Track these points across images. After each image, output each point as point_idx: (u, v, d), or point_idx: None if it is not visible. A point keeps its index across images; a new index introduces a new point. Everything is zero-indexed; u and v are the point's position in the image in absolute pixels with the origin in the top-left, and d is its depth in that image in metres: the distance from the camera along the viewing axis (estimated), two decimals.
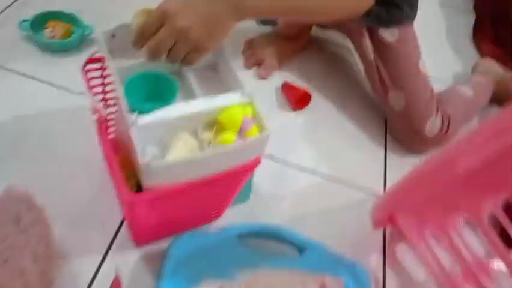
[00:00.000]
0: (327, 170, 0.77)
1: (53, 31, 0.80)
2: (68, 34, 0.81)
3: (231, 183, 0.54)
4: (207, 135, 0.49)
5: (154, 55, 0.48)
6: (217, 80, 0.57)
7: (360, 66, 0.92)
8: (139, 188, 0.52)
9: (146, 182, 0.46)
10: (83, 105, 0.70)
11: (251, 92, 0.50)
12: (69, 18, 0.83)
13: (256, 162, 0.51)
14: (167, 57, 0.49)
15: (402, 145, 0.84)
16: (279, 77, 0.90)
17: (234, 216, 0.64)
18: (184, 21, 0.46)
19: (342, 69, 0.97)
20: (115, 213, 0.61)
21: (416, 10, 0.84)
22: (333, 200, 0.73)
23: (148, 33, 0.47)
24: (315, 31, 1.00)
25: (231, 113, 0.48)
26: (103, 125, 0.51)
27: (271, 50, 0.90)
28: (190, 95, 0.55)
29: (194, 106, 0.48)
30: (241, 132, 0.49)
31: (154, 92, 0.52)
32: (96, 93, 0.55)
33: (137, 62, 0.54)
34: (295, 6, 0.54)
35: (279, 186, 0.72)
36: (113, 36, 0.53)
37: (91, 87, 0.54)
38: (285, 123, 0.82)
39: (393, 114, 0.83)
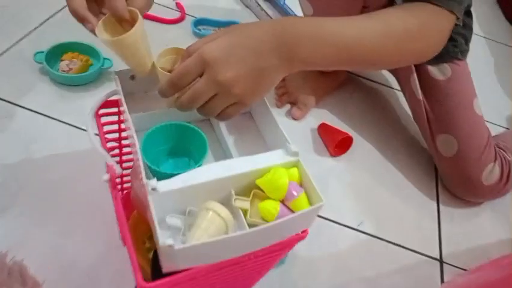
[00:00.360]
0: (372, 227, 0.66)
1: (69, 64, 0.73)
2: (85, 67, 0.74)
3: (268, 261, 0.44)
4: (242, 203, 0.39)
5: (187, 107, 0.39)
6: (253, 128, 0.48)
7: (405, 104, 0.82)
8: (155, 253, 0.43)
9: (167, 264, 0.36)
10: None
11: (297, 151, 0.40)
12: (87, 50, 0.76)
13: (302, 236, 0.41)
14: (201, 109, 0.40)
15: (455, 194, 0.73)
16: (314, 117, 0.80)
17: (268, 283, 0.54)
18: (229, 74, 0.37)
19: (384, 107, 0.87)
20: (127, 277, 0.51)
21: (469, 44, 0.75)
22: (380, 263, 0.62)
23: (184, 83, 0.38)
24: None
25: (274, 177, 0.38)
26: (115, 182, 0.42)
27: (306, 87, 0.81)
28: (219, 149, 0.46)
29: (226, 167, 0.38)
30: (286, 200, 0.39)
31: (178, 145, 0.43)
32: (110, 141, 0.46)
33: (161, 110, 0.45)
34: (353, 56, 0.44)
35: (317, 246, 0.61)
36: (132, 77, 0.45)
37: (104, 136, 0.45)
38: (323, 171, 0.72)
39: (443, 160, 0.72)
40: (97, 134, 0.43)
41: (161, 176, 0.36)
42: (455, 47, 0.71)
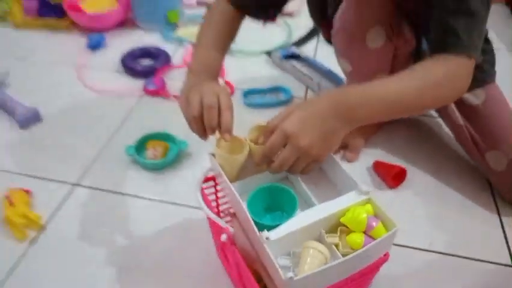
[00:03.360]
0: (442, 246, 0.73)
1: (154, 151, 0.88)
2: (166, 151, 0.89)
3: (361, 282, 0.53)
4: (333, 239, 0.49)
5: (278, 171, 0.52)
6: (324, 178, 0.59)
7: (447, 130, 0.90)
8: None
9: None
10: (191, 218, 0.75)
11: (368, 190, 0.51)
12: (164, 137, 0.92)
13: (385, 259, 0.51)
14: (288, 170, 0.52)
15: None
16: (367, 156, 0.90)
17: None
18: (305, 141, 0.49)
19: (430, 136, 0.96)
20: None
21: (495, 67, 0.83)
22: (455, 277, 0.68)
23: (274, 154, 0.51)
24: None
25: (354, 215, 0.48)
26: (232, 240, 0.53)
27: (353, 131, 0.90)
28: (303, 198, 0.57)
29: (315, 213, 0.49)
30: (367, 231, 0.49)
31: (273, 203, 0.54)
32: (211, 208, 0.58)
33: (253, 177, 0.57)
34: (398, 109, 0.56)
35: (394, 270, 0.68)
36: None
37: (210, 205, 0.57)
38: (386, 202, 0.80)
39: (496, 175, 0.79)
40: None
41: (265, 228, 0.47)
42: (482, 73, 0.80)
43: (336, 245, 0.49)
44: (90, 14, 1.27)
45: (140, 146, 0.90)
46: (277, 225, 0.48)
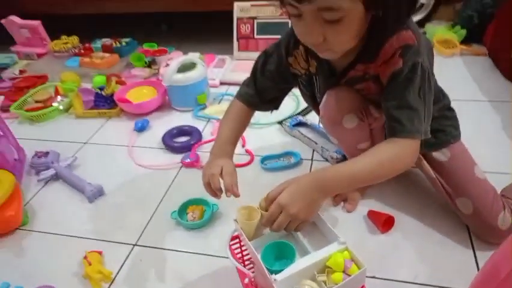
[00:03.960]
0: (426, 277, 0.91)
1: (193, 214, 1.12)
2: (202, 213, 1.13)
3: None
4: (322, 277, 0.70)
5: (277, 230, 0.75)
6: (318, 231, 0.81)
7: (427, 182, 1.10)
8: None
9: None
10: (226, 266, 0.96)
11: (345, 241, 0.72)
12: (200, 201, 1.16)
13: None
14: (285, 229, 0.75)
15: (483, 241, 0.96)
16: (363, 206, 1.10)
17: None
18: (294, 209, 0.73)
19: (415, 186, 1.15)
20: None
21: (459, 128, 1.03)
22: None
23: (274, 219, 0.74)
24: None
25: (335, 259, 0.69)
26: (252, 281, 0.75)
27: None
28: (302, 248, 0.78)
29: (309, 259, 0.71)
30: (345, 270, 0.69)
31: (279, 253, 0.76)
32: (237, 259, 0.81)
33: (265, 235, 0.80)
34: (360, 181, 0.80)
35: None
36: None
37: (236, 257, 0.80)
38: (378, 244, 1.00)
39: (465, 217, 0.97)
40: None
41: (273, 272, 0.69)
42: (445, 135, 1.00)
43: (324, 282, 0.70)
44: (135, 103, 1.58)
45: (182, 210, 1.14)
46: (282, 270, 0.70)
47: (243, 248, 0.87)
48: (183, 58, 1.59)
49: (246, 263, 0.87)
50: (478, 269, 0.92)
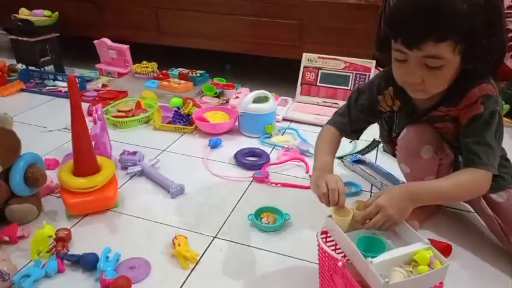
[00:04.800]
0: None
1: (267, 219, 1.26)
2: (274, 220, 1.26)
3: None
4: (409, 268, 0.82)
5: (373, 228, 0.89)
6: (398, 236, 0.93)
7: (481, 222, 1.22)
8: None
9: None
10: (296, 265, 1.08)
11: (429, 242, 0.85)
12: (272, 210, 1.29)
13: (441, 286, 0.83)
14: (378, 228, 0.88)
15: None
16: (422, 235, 1.22)
17: None
18: (390, 211, 0.87)
19: (467, 225, 1.27)
20: None
21: None
22: None
23: (370, 217, 0.88)
24: None
25: (422, 254, 0.82)
26: (344, 264, 0.87)
27: (410, 216, 1.26)
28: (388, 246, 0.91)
29: (400, 251, 0.83)
30: (430, 265, 0.82)
31: (368, 247, 0.89)
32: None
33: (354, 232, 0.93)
34: (444, 198, 0.97)
35: None
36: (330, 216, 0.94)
37: (328, 247, 0.92)
38: None
39: None
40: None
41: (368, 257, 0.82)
42: (503, 180, 1.14)
43: (411, 271, 0.82)
44: (211, 123, 1.78)
45: (257, 215, 1.28)
46: (374, 257, 0.82)
47: (330, 244, 0.99)
48: (258, 91, 1.81)
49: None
50: None
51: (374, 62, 2.03)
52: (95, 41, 2.43)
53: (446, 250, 1.15)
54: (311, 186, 1.01)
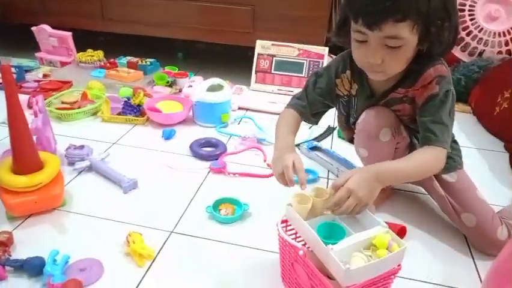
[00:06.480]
0: (440, 279, 1.05)
1: (226, 211, 1.22)
2: (233, 211, 1.23)
3: (384, 283, 0.85)
4: (368, 252, 0.83)
5: (344, 212, 0.88)
6: (355, 220, 0.94)
7: (431, 201, 1.27)
8: None
9: (346, 282, 0.78)
10: (256, 256, 1.07)
11: (387, 225, 0.86)
12: (232, 201, 1.26)
13: (399, 268, 0.84)
14: (349, 212, 0.89)
15: (482, 251, 1.13)
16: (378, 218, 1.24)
17: None
18: (360, 194, 0.87)
19: (421, 206, 1.32)
20: None
21: (462, 159, 1.23)
22: None
23: (342, 202, 0.88)
24: None
25: (381, 238, 0.83)
26: (305, 253, 0.86)
27: None
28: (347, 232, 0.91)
29: (359, 236, 0.83)
30: (388, 248, 0.83)
31: (329, 232, 0.88)
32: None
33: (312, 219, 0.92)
34: (406, 178, 1.00)
35: None
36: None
37: (288, 235, 0.91)
38: None
39: (469, 231, 1.14)
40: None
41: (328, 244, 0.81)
42: (454, 161, 1.18)
43: (370, 256, 0.82)
44: (165, 114, 1.70)
45: (215, 207, 1.24)
46: (335, 244, 0.82)
47: (291, 232, 0.98)
48: (213, 80, 1.76)
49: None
50: (479, 276, 1.07)
51: (327, 49, 2.04)
52: (34, 28, 2.25)
53: (401, 232, 1.17)
54: (272, 168, 1.00)
